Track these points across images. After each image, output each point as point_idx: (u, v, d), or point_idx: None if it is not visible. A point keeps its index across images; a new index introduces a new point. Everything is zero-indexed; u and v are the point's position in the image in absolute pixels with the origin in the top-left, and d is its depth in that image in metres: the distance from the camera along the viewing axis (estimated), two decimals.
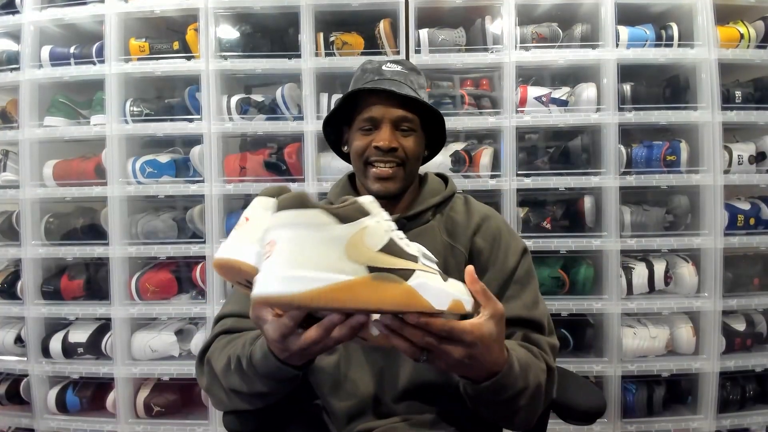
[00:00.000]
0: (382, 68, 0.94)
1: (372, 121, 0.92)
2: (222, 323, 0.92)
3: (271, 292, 0.51)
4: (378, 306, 0.53)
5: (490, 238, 0.94)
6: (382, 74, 0.93)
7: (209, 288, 1.66)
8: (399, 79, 0.92)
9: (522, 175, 1.63)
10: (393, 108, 0.91)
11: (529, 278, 0.93)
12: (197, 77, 1.66)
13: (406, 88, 0.91)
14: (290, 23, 1.69)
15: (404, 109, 0.91)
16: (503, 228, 0.96)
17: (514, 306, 0.88)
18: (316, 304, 0.51)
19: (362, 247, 0.54)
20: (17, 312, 1.70)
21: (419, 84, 0.96)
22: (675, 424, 1.62)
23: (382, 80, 0.92)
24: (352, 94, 0.92)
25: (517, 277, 0.91)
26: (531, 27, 1.69)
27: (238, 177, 1.69)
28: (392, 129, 0.91)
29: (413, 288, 0.55)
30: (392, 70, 0.94)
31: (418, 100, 0.91)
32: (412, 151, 0.93)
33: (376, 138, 0.91)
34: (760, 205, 1.68)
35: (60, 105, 1.74)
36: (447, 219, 0.97)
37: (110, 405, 1.69)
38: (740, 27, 1.65)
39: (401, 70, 0.94)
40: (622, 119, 1.61)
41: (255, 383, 0.76)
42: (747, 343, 1.67)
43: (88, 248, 1.68)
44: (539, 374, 0.78)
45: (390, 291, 0.54)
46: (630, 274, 1.65)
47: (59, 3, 1.72)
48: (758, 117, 1.63)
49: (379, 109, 0.91)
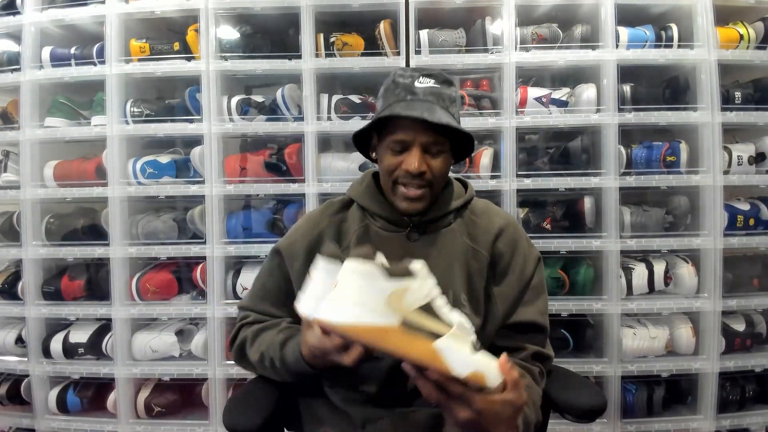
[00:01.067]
0: (414, 85, 0.91)
1: (402, 143, 0.91)
2: (245, 315, 1.04)
3: (322, 317, 0.64)
4: (403, 354, 0.62)
5: (511, 244, 0.98)
6: (414, 93, 0.90)
7: (209, 288, 1.66)
8: (431, 100, 0.90)
9: (522, 176, 1.63)
10: (424, 132, 0.89)
11: (543, 286, 1.00)
12: (197, 78, 1.67)
13: (438, 111, 0.88)
14: (290, 24, 1.69)
15: (435, 133, 0.90)
16: (522, 235, 1.01)
17: (530, 311, 0.95)
18: (353, 336, 0.64)
19: (401, 302, 0.63)
20: (18, 312, 1.71)
21: (451, 99, 0.93)
22: (675, 424, 1.63)
23: (414, 101, 0.89)
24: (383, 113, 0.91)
25: (533, 285, 0.97)
26: (531, 28, 1.70)
27: (238, 177, 1.69)
28: (422, 153, 0.90)
29: (437, 348, 0.62)
30: (425, 88, 0.91)
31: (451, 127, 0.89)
32: (440, 172, 0.93)
33: (405, 161, 0.91)
34: (759, 205, 1.69)
35: (60, 106, 1.74)
36: (468, 222, 1.00)
37: (111, 405, 1.69)
38: (740, 28, 1.65)
39: (434, 85, 0.92)
40: (622, 120, 1.62)
41: (284, 376, 0.93)
42: (747, 343, 1.67)
43: (89, 249, 1.68)
44: (539, 409, 0.87)
45: (416, 345, 0.62)
46: (630, 275, 1.65)
47: (60, 4, 1.72)
48: (758, 118, 1.64)
49: (410, 133, 0.89)
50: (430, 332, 0.63)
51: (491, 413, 0.65)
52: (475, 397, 0.63)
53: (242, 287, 1.66)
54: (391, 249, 0.96)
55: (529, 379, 0.89)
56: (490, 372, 0.64)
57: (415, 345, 0.62)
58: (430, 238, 0.98)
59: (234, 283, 1.68)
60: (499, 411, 0.65)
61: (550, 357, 0.97)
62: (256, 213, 1.73)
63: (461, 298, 0.94)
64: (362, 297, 0.63)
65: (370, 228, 1.00)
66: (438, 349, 0.62)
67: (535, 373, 0.92)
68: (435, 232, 0.98)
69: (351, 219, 1.02)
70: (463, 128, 0.92)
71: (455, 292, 0.94)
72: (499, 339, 0.95)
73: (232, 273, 1.69)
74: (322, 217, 1.03)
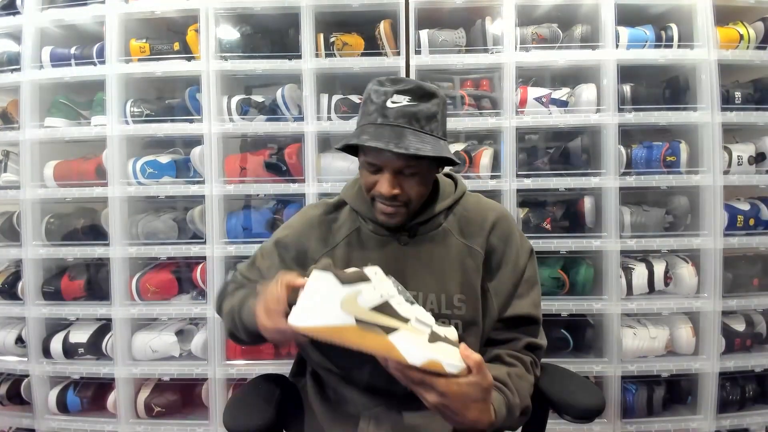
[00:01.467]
0: (386, 105, 0.86)
1: (374, 165, 0.90)
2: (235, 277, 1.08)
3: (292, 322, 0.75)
4: (361, 348, 0.71)
5: (504, 238, 0.99)
6: (386, 116, 0.86)
7: (209, 288, 1.66)
8: (402, 123, 0.85)
9: (522, 176, 1.63)
10: (394, 158, 0.86)
11: (536, 278, 1.01)
12: (197, 78, 1.67)
13: (407, 137, 0.84)
14: (290, 24, 1.69)
15: (406, 158, 0.86)
16: (515, 228, 1.02)
17: (523, 303, 0.96)
18: (317, 336, 0.73)
19: (354, 303, 0.73)
20: (18, 312, 1.71)
21: (427, 116, 0.87)
22: (675, 424, 1.63)
23: (384, 126, 0.85)
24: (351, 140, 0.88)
25: (526, 277, 0.99)
26: (531, 28, 1.70)
27: (238, 177, 1.69)
28: (394, 176, 0.89)
29: (390, 341, 0.71)
30: (397, 109, 0.86)
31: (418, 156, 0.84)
32: (415, 191, 0.92)
33: (379, 183, 0.90)
34: (759, 205, 1.69)
35: (61, 106, 1.74)
36: (460, 218, 1.00)
37: (111, 405, 1.69)
38: (740, 28, 1.65)
39: (407, 104, 0.86)
40: (622, 120, 1.62)
41: (243, 334, 0.95)
42: (747, 343, 1.67)
43: (89, 249, 1.68)
44: (526, 395, 0.89)
45: (370, 339, 0.71)
46: (630, 275, 1.65)
47: (60, 4, 1.72)
48: (758, 118, 1.63)
49: (380, 158, 0.88)
50: (386, 327, 0.72)
51: (458, 396, 0.70)
52: (438, 382, 0.69)
53: None
54: (382, 252, 0.97)
55: (520, 368, 0.92)
56: (448, 359, 0.70)
57: (370, 339, 0.71)
58: (422, 240, 0.98)
59: None
60: (466, 393, 0.70)
61: (541, 347, 0.98)
62: (256, 213, 1.73)
63: (454, 299, 0.94)
64: (322, 302, 0.73)
65: (361, 231, 1.00)
66: (392, 342, 0.71)
67: (527, 363, 0.94)
68: (426, 234, 0.98)
69: (342, 220, 1.03)
70: (430, 153, 0.84)
71: (448, 295, 0.94)
72: (494, 332, 0.97)
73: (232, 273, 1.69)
74: (315, 214, 1.05)
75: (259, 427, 0.90)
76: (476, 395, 0.71)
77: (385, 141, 0.83)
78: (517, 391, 0.86)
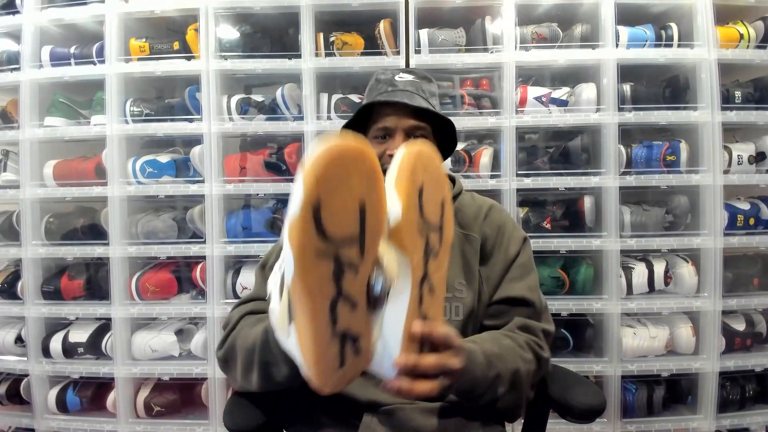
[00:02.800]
0: (394, 79, 0.98)
1: (386, 130, 0.96)
2: (242, 308, 0.95)
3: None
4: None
5: (495, 226, 1.00)
6: (395, 85, 0.97)
7: (209, 288, 1.66)
8: (411, 90, 0.96)
9: (522, 175, 1.63)
10: (406, 118, 0.94)
11: (530, 264, 1.00)
12: (197, 77, 1.67)
13: (418, 99, 0.95)
14: (290, 23, 1.69)
15: (417, 119, 0.95)
16: (506, 218, 1.04)
17: (516, 287, 0.95)
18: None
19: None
20: (17, 312, 1.70)
21: (431, 92, 0.99)
22: (675, 423, 1.62)
23: (395, 91, 0.95)
24: (368, 105, 0.97)
25: (519, 262, 0.98)
26: (531, 27, 1.70)
27: (238, 177, 1.69)
28: (405, 138, 0.95)
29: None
30: (405, 80, 0.97)
31: (430, 110, 0.95)
32: None
33: (389, 146, 0.95)
34: (759, 205, 1.68)
35: (60, 105, 1.74)
36: (457, 212, 1.02)
37: (110, 405, 1.69)
38: (740, 27, 1.65)
39: (413, 79, 0.98)
40: (621, 119, 1.61)
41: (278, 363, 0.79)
42: (747, 343, 1.67)
43: (89, 248, 1.68)
44: (517, 361, 0.84)
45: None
46: (630, 274, 1.65)
47: (59, 3, 1.72)
48: (758, 117, 1.63)
49: (392, 119, 0.95)
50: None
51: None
52: (450, 333, 0.66)
53: (242, 287, 1.66)
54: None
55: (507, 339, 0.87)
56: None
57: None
58: None
59: (234, 282, 1.67)
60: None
61: (547, 331, 0.94)
62: (256, 212, 1.73)
63: (455, 283, 0.95)
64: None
65: None
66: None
67: (519, 340, 0.89)
68: None
69: None
70: (443, 113, 0.96)
71: (449, 278, 0.93)
72: (486, 318, 0.96)
73: (232, 272, 1.69)
74: None
75: (260, 427, 0.90)
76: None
77: (399, 98, 0.93)
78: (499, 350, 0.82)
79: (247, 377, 0.85)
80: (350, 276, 0.56)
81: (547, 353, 0.92)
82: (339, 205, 0.52)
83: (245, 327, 0.89)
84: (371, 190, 0.55)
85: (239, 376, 0.88)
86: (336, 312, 0.56)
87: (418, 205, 0.62)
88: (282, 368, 0.79)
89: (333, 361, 0.58)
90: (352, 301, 0.57)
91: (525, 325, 0.93)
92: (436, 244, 0.66)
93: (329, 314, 0.55)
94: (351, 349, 0.59)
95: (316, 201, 0.51)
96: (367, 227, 0.56)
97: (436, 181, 0.66)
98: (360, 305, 0.59)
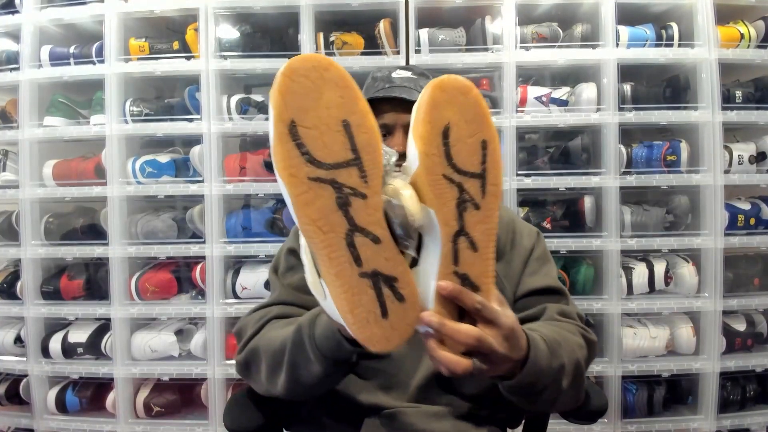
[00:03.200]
0: (391, 76, 0.96)
1: (385, 128, 0.94)
2: (267, 311, 0.90)
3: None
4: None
5: (504, 225, 0.98)
6: (392, 82, 0.95)
7: (209, 288, 1.66)
8: (409, 85, 0.94)
9: (522, 175, 1.63)
10: (405, 114, 0.92)
11: (547, 256, 0.97)
12: (197, 77, 1.66)
13: (416, 94, 0.93)
14: (290, 23, 1.69)
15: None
16: (514, 215, 1.04)
17: (537, 279, 0.92)
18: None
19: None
20: (17, 312, 1.70)
21: None
22: (675, 424, 1.62)
23: (393, 87, 0.94)
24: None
25: (535, 255, 0.95)
26: (531, 27, 1.69)
27: (237, 177, 1.69)
28: (404, 134, 0.93)
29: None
30: (402, 77, 0.96)
31: None
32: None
33: (389, 144, 0.93)
34: (760, 205, 1.68)
35: (60, 105, 1.74)
36: None
37: (110, 405, 1.69)
38: (740, 27, 1.65)
39: (411, 76, 0.97)
40: (622, 119, 1.61)
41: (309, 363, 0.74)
42: (747, 343, 1.67)
43: (88, 248, 1.67)
44: (576, 350, 0.77)
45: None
46: (630, 274, 1.65)
47: (59, 3, 1.71)
48: (758, 117, 1.63)
49: (391, 116, 0.93)
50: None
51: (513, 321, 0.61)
52: (497, 308, 0.59)
53: (242, 287, 1.66)
54: None
55: (559, 327, 0.80)
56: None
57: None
58: None
59: (233, 282, 1.67)
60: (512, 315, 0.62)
61: (581, 315, 0.88)
62: (256, 212, 1.73)
63: None
64: None
65: None
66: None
67: (569, 327, 0.82)
68: None
69: None
70: None
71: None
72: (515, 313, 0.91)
73: (232, 272, 1.69)
74: None
75: (260, 427, 0.90)
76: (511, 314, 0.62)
77: (397, 93, 0.91)
78: (558, 337, 0.74)
79: (273, 380, 0.81)
80: (358, 204, 0.52)
81: (594, 335, 0.85)
82: (317, 123, 0.50)
83: (272, 330, 0.86)
84: (351, 105, 0.52)
85: (264, 380, 0.82)
86: (355, 248, 0.52)
87: (443, 148, 0.55)
88: (313, 368, 0.74)
89: (372, 308, 0.53)
90: (372, 235, 0.53)
91: (562, 311, 0.87)
92: (476, 193, 0.57)
93: (348, 250, 0.52)
94: (390, 294, 0.54)
95: (288, 119, 0.49)
96: (360, 148, 0.52)
97: (471, 119, 0.58)
98: (385, 242, 0.54)
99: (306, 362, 0.75)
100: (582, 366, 0.77)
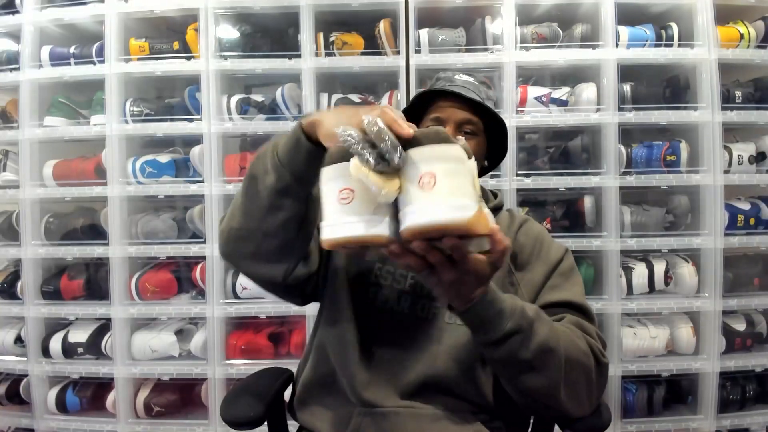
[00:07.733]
0: (454, 77, 1.01)
1: (438, 120, 0.97)
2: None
3: (442, 219, 0.55)
4: (481, 231, 0.57)
5: (532, 236, 0.98)
6: (453, 82, 1.00)
7: (209, 288, 1.66)
8: (469, 87, 0.99)
9: (522, 175, 1.63)
10: (458, 110, 0.97)
11: (574, 273, 0.96)
12: (197, 77, 1.66)
13: (473, 95, 0.97)
14: (290, 23, 1.69)
15: (469, 113, 0.97)
16: (543, 230, 1.03)
17: (559, 293, 0.91)
18: (472, 229, 0.56)
19: (476, 180, 0.60)
20: (17, 312, 1.70)
21: (487, 95, 1.02)
22: (675, 424, 1.62)
23: (453, 86, 0.98)
24: (425, 94, 1.00)
25: (561, 269, 0.94)
26: (531, 27, 1.69)
27: (238, 177, 1.69)
28: (456, 130, 0.96)
29: (486, 215, 0.58)
30: (464, 80, 1.01)
31: (483, 105, 0.97)
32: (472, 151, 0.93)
33: None
34: (760, 205, 1.68)
35: (60, 105, 1.74)
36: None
37: (110, 405, 1.69)
38: (740, 27, 1.65)
39: (472, 81, 1.01)
40: (622, 119, 1.61)
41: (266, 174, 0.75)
42: (747, 343, 1.67)
43: (88, 248, 1.68)
44: (576, 348, 0.78)
45: (485, 219, 0.58)
46: (630, 274, 1.65)
47: (59, 3, 1.71)
48: (758, 117, 1.63)
49: (445, 110, 0.97)
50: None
51: (476, 273, 0.65)
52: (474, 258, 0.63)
53: (242, 287, 1.66)
54: None
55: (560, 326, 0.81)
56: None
57: (484, 220, 0.58)
58: None
59: (233, 282, 1.67)
60: (485, 267, 0.65)
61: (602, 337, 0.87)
62: None
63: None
64: (465, 183, 0.57)
65: None
66: (486, 214, 0.59)
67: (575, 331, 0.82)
68: None
69: None
70: (497, 113, 0.99)
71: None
72: None
73: (232, 272, 1.69)
74: None
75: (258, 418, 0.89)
76: (486, 272, 0.66)
77: (456, 89, 0.96)
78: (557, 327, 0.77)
79: (233, 210, 0.82)
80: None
81: (606, 359, 0.84)
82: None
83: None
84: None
85: (227, 216, 0.84)
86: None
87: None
88: (268, 179, 0.75)
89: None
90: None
91: (580, 324, 0.85)
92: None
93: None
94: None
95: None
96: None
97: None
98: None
99: (264, 174, 0.76)
100: (583, 369, 0.78)
